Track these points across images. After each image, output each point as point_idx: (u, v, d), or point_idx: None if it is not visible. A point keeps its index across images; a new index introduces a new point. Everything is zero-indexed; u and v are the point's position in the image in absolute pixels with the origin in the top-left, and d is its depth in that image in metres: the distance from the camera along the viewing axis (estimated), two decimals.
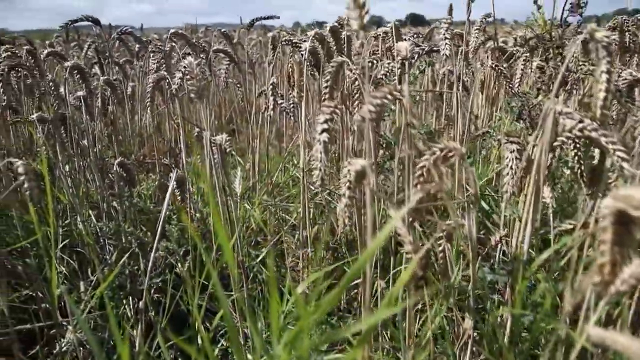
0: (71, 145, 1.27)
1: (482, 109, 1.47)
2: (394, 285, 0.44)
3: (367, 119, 0.57)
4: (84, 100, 1.27)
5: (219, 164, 0.81)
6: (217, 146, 0.80)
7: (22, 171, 0.69)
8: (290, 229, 1.17)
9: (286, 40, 1.06)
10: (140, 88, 1.70)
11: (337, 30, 1.07)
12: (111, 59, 1.41)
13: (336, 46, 1.09)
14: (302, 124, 0.98)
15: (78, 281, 1.18)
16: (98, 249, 1.21)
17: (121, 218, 1.25)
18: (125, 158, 1.34)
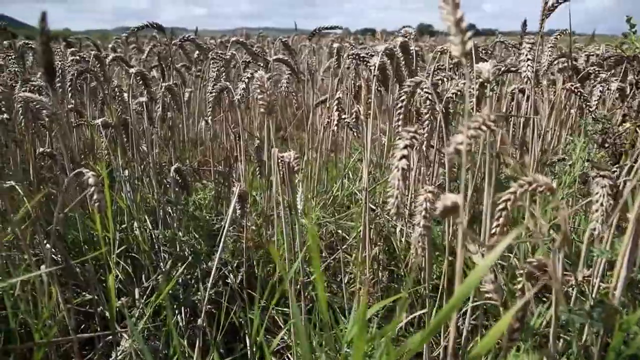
0: (131, 150, 1.28)
1: (551, 132, 1.40)
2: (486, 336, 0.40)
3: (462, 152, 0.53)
4: (145, 106, 1.27)
5: (286, 183, 0.78)
6: (286, 164, 0.77)
7: (92, 182, 0.69)
8: (347, 247, 1.14)
9: (354, 55, 1.03)
10: (198, 94, 1.70)
11: (406, 46, 1.04)
12: (172, 65, 1.42)
13: (405, 62, 1.05)
14: (367, 142, 0.95)
15: (132, 286, 1.18)
16: (152, 255, 1.21)
17: (176, 225, 1.24)
18: (181, 164, 1.34)
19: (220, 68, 1.27)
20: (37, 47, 0.56)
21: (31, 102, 0.93)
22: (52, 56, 0.56)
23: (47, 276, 0.93)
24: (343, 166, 1.45)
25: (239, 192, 0.85)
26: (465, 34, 0.48)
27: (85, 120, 1.33)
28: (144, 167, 1.31)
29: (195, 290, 1.14)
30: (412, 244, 0.68)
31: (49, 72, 0.57)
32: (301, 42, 3.78)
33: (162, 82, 1.39)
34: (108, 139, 1.22)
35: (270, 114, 0.79)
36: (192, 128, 1.70)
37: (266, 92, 0.79)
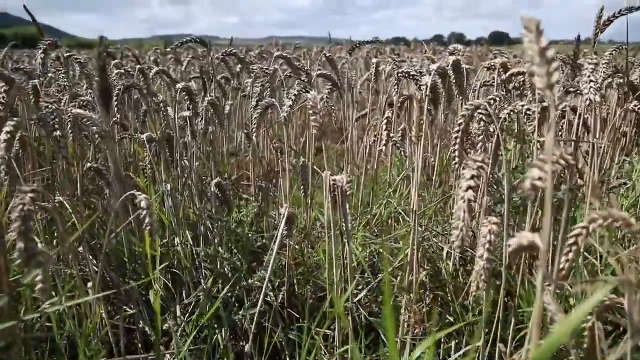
0: (173, 165, 1.28)
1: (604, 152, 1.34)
2: None
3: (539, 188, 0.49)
4: (189, 121, 1.27)
5: (339, 208, 0.76)
6: (339, 188, 0.75)
7: (145, 206, 0.68)
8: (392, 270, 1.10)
9: (404, 73, 1.00)
10: (238, 107, 1.70)
11: (458, 65, 1.01)
12: (214, 78, 1.42)
13: (456, 81, 1.02)
14: (418, 164, 0.92)
15: (172, 302, 1.18)
16: (194, 272, 1.20)
17: (217, 241, 1.24)
18: (221, 178, 1.34)
19: (264, 83, 1.26)
20: (94, 71, 0.55)
21: (82, 119, 0.94)
22: (109, 81, 0.55)
23: (93, 292, 0.93)
24: (385, 183, 1.41)
25: (287, 215, 0.83)
26: (551, 65, 0.45)
27: (129, 134, 1.33)
28: (185, 181, 1.30)
29: (237, 309, 1.13)
30: (474, 277, 0.65)
31: (105, 96, 0.56)
32: (336, 54, 3.77)
33: (204, 96, 1.39)
34: (152, 154, 1.22)
35: (324, 135, 0.77)
36: (231, 142, 1.70)
37: (319, 113, 0.77)
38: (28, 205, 0.65)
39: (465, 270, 1.16)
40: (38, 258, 0.66)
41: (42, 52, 1.22)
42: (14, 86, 0.92)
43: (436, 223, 1.15)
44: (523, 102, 0.88)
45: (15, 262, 0.63)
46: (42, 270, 0.66)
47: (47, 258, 0.66)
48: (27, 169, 1.09)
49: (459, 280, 1.12)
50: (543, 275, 0.47)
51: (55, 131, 0.88)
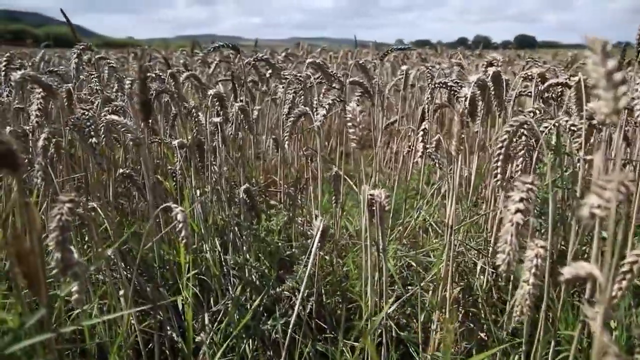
0: (202, 171, 1.27)
1: None
2: None
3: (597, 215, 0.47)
4: (219, 127, 1.27)
5: (377, 221, 0.74)
6: (377, 204, 0.73)
7: (181, 219, 0.67)
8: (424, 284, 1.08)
9: (441, 84, 0.98)
10: (268, 113, 1.69)
11: (499, 76, 0.98)
12: (245, 84, 1.41)
13: (495, 93, 1.00)
14: (455, 179, 0.89)
15: (200, 309, 1.17)
16: (222, 279, 1.19)
17: (245, 249, 1.23)
18: (249, 184, 1.33)
19: (297, 90, 1.25)
20: (135, 84, 0.55)
21: (116, 125, 0.93)
22: (149, 94, 0.55)
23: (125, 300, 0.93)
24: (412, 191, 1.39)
25: (322, 228, 0.82)
26: (618, 89, 0.43)
27: (159, 138, 1.33)
28: (214, 187, 1.30)
29: (266, 318, 1.12)
30: (518, 300, 0.62)
31: (146, 109, 0.55)
32: (362, 57, 3.75)
33: (234, 101, 1.38)
34: (182, 159, 1.22)
35: (363, 148, 0.75)
36: (259, 146, 1.69)
37: (358, 126, 0.75)
38: (66, 215, 0.64)
39: (497, 286, 1.13)
40: (74, 268, 0.66)
41: (77, 56, 1.23)
42: (51, 93, 0.93)
43: (469, 236, 1.12)
44: (566, 117, 0.84)
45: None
46: (78, 280, 0.66)
47: (83, 269, 0.66)
48: (61, 173, 1.09)
49: (492, 295, 1.09)
50: (603, 313, 0.45)
51: (91, 138, 0.88)
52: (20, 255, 0.54)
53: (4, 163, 0.49)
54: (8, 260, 0.87)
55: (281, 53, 3.85)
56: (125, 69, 2.93)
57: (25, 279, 0.56)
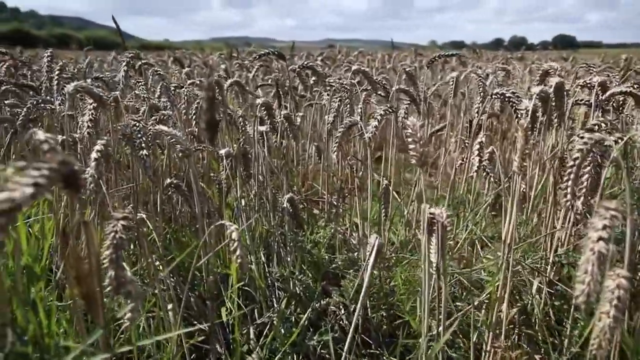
0: (247, 180, 1.26)
1: None
2: None
3: None
4: (265, 135, 1.25)
5: (438, 245, 0.70)
6: (438, 223, 0.70)
7: (236, 237, 0.65)
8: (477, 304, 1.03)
9: (500, 95, 0.94)
10: (311, 120, 1.67)
11: (561, 87, 0.93)
12: (290, 92, 1.39)
13: (556, 105, 0.95)
14: (516, 196, 0.85)
15: (245, 322, 1.16)
16: (267, 291, 1.17)
17: (290, 261, 1.20)
18: (293, 193, 1.31)
19: (343, 99, 1.22)
20: (203, 101, 0.53)
21: (165, 136, 0.93)
22: (217, 112, 0.53)
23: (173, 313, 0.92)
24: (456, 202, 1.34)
25: (378, 246, 0.79)
26: None
27: (204, 147, 1.32)
28: (258, 197, 1.28)
29: (312, 333, 1.09)
30: (597, 335, 0.58)
31: (212, 128, 0.53)
32: (400, 61, 3.69)
33: (279, 109, 1.36)
34: (228, 168, 1.21)
35: (423, 165, 0.72)
36: (302, 154, 1.67)
37: (419, 142, 0.72)
38: (120, 232, 0.63)
39: (553, 305, 1.07)
40: (127, 287, 0.64)
41: (125, 64, 1.23)
42: (101, 103, 0.92)
43: (523, 252, 1.07)
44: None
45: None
46: (131, 299, 0.65)
47: (136, 287, 0.65)
48: (110, 182, 1.09)
49: (549, 316, 1.04)
50: None
51: (142, 150, 0.87)
52: (79, 276, 0.53)
53: (67, 184, 0.47)
54: (67, 281, 0.87)
55: (318, 57, 3.83)
56: (169, 75, 2.95)
57: (83, 299, 0.55)
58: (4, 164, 1.33)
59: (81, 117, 0.98)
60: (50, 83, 1.17)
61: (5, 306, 0.61)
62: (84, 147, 1.22)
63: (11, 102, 1.56)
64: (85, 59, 4.46)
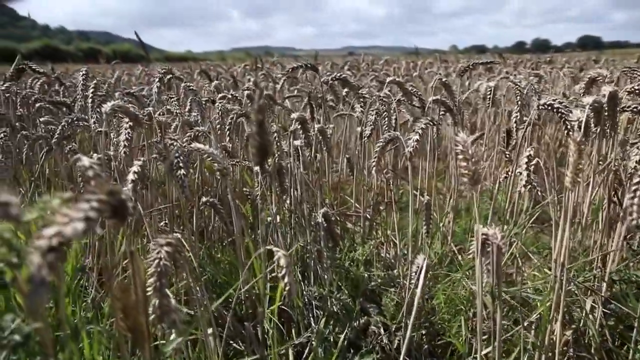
0: (282, 196, 1.24)
1: None
2: None
3: None
4: (300, 150, 1.23)
5: (493, 266, 0.67)
6: (493, 245, 0.66)
7: (284, 264, 0.62)
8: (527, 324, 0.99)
9: (548, 105, 0.89)
10: (345, 133, 1.64)
11: (615, 97, 0.88)
12: (323, 104, 1.36)
13: (609, 115, 0.90)
14: (568, 214, 0.80)
15: (283, 341, 1.13)
16: (304, 310, 1.14)
17: (328, 278, 1.17)
18: (325, 207, 1.28)
19: (380, 111, 1.19)
20: (252, 125, 0.50)
21: (202, 154, 0.91)
22: (267, 136, 0.50)
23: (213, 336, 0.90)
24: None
25: (425, 267, 0.75)
26: None
27: (237, 161, 1.31)
28: (292, 212, 1.26)
29: (352, 354, 1.06)
30: None
31: (263, 153, 0.50)
32: (426, 68, 3.64)
33: (313, 123, 1.34)
34: (263, 184, 1.18)
35: (476, 184, 0.68)
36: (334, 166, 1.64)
37: (471, 159, 0.68)
38: (164, 260, 0.61)
39: (609, 326, 1.02)
40: (172, 316, 0.62)
41: (158, 80, 1.22)
42: (137, 122, 0.91)
43: (575, 271, 1.02)
44: None
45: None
46: (175, 328, 0.63)
47: (181, 316, 0.63)
48: (145, 201, 1.08)
49: (606, 338, 0.98)
50: None
51: (179, 169, 0.85)
52: (126, 309, 0.51)
53: (115, 215, 0.45)
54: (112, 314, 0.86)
55: (343, 66, 3.81)
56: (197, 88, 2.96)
57: (130, 332, 0.53)
58: (40, 181, 1.31)
59: (117, 137, 0.97)
60: (85, 101, 1.17)
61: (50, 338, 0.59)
62: (118, 165, 1.21)
63: (45, 119, 1.57)
64: (113, 73, 4.52)
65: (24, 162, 1.47)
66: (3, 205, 0.36)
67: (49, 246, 0.38)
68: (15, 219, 0.37)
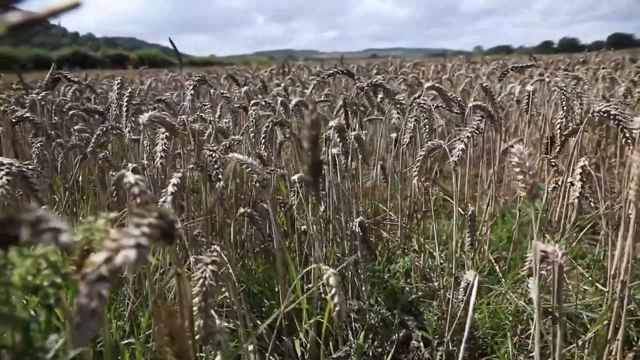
0: (319, 204, 1.21)
1: None
2: None
3: None
4: (337, 158, 1.20)
5: (554, 289, 0.62)
6: (554, 263, 0.62)
7: (334, 283, 0.59)
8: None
9: (604, 113, 0.84)
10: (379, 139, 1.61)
11: None
12: (359, 111, 1.33)
13: None
14: (630, 227, 0.76)
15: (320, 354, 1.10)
16: (342, 324, 1.11)
17: (365, 289, 1.14)
18: (361, 216, 1.24)
19: (420, 119, 1.15)
20: (306, 144, 0.47)
21: (241, 165, 0.88)
22: (320, 153, 0.47)
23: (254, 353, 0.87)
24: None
25: (477, 285, 0.71)
26: None
27: (271, 170, 1.28)
28: (327, 221, 1.23)
29: None
30: None
31: (316, 171, 0.48)
32: (461, 71, 3.58)
33: (348, 130, 1.31)
34: (299, 193, 1.16)
35: (534, 198, 0.64)
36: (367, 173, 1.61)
37: (528, 172, 0.64)
38: (209, 279, 0.59)
39: None
40: (217, 337, 0.60)
41: (192, 88, 1.21)
42: (173, 132, 0.90)
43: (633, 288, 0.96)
44: None
45: None
46: (220, 350, 0.60)
47: (226, 337, 0.60)
48: (182, 212, 1.06)
49: None
50: None
51: (218, 181, 0.83)
52: (173, 334, 0.49)
53: (165, 237, 0.43)
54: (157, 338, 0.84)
55: (371, 70, 3.77)
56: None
57: (176, 357, 0.50)
58: (74, 188, 1.30)
59: (154, 147, 0.95)
60: (120, 110, 1.16)
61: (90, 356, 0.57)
62: (152, 175, 1.20)
63: (79, 127, 1.58)
64: (140, 78, 4.57)
65: (58, 170, 1.48)
66: (54, 232, 0.34)
67: (99, 275, 0.36)
68: (66, 247, 0.34)
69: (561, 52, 17.49)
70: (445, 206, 1.95)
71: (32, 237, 0.35)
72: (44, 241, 0.34)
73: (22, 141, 1.68)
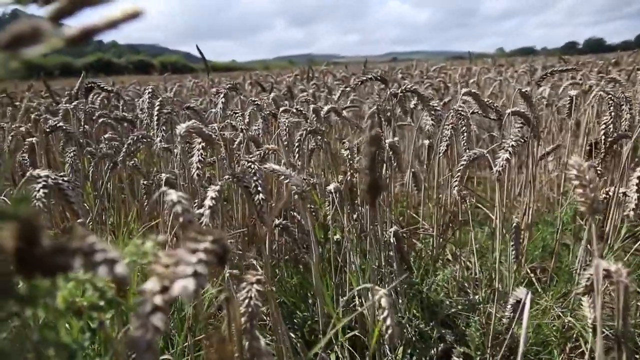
0: (353, 214, 1.18)
1: None
2: None
3: None
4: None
5: (618, 305, 0.58)
6: (620, 284, 0.58)
7: (386, 305, 0.57)
8: None
9: None
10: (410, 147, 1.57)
11: None
12: (393, 118, 1.30)
13: None
14: None
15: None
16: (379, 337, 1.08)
17: (403, 302, 1.11)
18: (395, 226, 1.21)
19: (460, 127, 1.12)
20: (365, 162, 0.45)
21: (278, 175, 0.86)
22: (380, 171, 0.44)
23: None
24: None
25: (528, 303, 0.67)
26: None
27: (304, 179, 1.26)
28: (361, 232, 1.20)
29: None
30: None
31: (374, 190, 0.45)
32: (487, 75, 3.52)
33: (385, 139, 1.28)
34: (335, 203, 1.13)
35: (595, 213, 0.60)
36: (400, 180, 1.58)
37: (589, 185, 0.60)
38: (255, 299, 0.56)
39: None
40: (263, 359, 0.57)
41: (224, 96, 1.19)
42: (210, 143, 0.88)
43: None
44: None
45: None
46: None
47: (271, 359, 0.58)
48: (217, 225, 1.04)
49: None
50: None
51: (258, 194, 0.81)
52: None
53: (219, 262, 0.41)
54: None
55: (397, 74, 3.73)
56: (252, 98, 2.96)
57: None
58: (105, 197, 1.28)
59: (185, 156, 0.94)
60: (151, 119, 1.15)
61: None
62: (185, 185, 1.19)
63: (109, 135, 1.58)
64: (165, 84, 4.59)
65: (90, 178, 1.48)
66: (109, 263, 0.32)
67: (154, 306, 0.34)
68: (122, 280, 0.32)
69: (587, 53, 17.15)
70: (477, 213, 1.90)
71: (85, 268, 0.33)
72: (99, 274, 0.32)
73: (54, 149, 1.69)
